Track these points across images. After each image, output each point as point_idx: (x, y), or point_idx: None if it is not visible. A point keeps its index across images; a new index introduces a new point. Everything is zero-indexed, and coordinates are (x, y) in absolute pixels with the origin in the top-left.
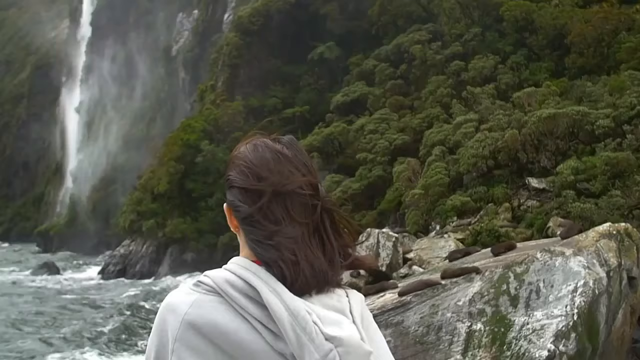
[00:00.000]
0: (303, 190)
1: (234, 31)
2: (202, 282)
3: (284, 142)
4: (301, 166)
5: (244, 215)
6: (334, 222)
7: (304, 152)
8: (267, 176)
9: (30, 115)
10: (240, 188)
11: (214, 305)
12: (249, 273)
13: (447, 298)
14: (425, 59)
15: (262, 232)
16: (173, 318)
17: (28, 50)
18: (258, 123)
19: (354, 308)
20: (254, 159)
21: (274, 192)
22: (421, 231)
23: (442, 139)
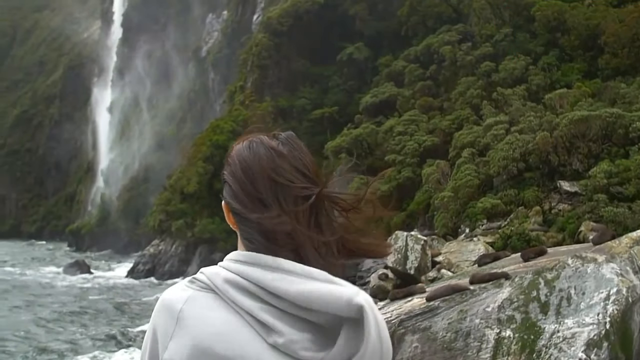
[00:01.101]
0: (295, 184)
1: (263, 32)
2: (197, 278)
3: (281, 139)
4: (297, 162)
5: (237, 211)
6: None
7: (302, 148)
8: (260, 173)
9: (63, 115)
10: (233, 185)
11: (207, 302)
12: (240, 264)
13: (475, 304)
14: (455, 59)
15: (253, 228)
16: (168, 315)
17: (61, 51)
18: (287, 124)
19: None
20: (247, 156)
21: (266, 188)
22: (450, 234)
23: (472, 140)
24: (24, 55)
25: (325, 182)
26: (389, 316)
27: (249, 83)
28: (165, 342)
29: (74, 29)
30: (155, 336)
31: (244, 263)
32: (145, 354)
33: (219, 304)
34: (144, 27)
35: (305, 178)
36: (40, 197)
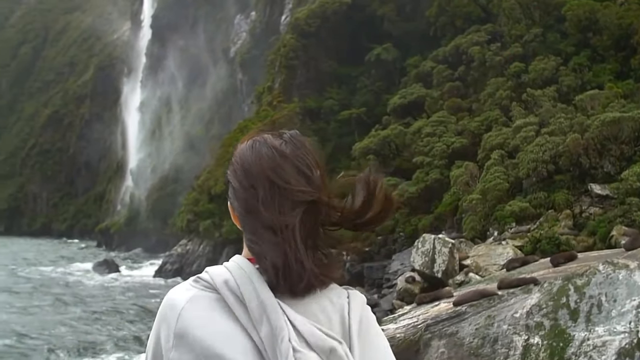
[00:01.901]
0: (295, 187)
1: (291, 33)
2: (201, 278)
3: (285, 138)
4: (300, 163)
5: (238, 212)
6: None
7: (306, 148)
8: (259, 174)
9: (93, 115)
10: (234, 185)
11: (209, 302)
12: (243, 275)
13: (503, 309)
14: (484, 60)
15: (253, 230)
16: (171, 314)
17: (91, 52)
18: (314, 125)
19: (353, 310)
20: (248, 156)
21: (265, 190)
22: (478, 237)
23: (501, 142)
24: (55, 56)
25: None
26: (415, 321)
27: (277, 84)
28: (168, 341)
29: (104, 30)
30: (158, 335)
31: (243, 271)
32: (149, 352)
33: (221, 305)
34: (173, 28)
35: (306, 180)
36: (70, 196)
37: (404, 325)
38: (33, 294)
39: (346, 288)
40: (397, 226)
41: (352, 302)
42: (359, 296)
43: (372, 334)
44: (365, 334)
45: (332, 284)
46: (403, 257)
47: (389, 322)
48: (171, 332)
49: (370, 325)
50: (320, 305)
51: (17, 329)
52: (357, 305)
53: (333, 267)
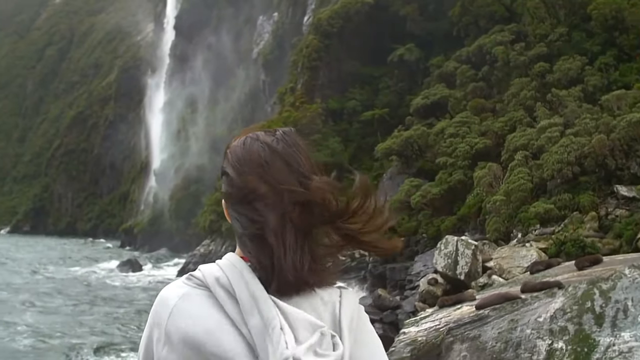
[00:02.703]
0: (285, 185)
1: (314, 33)
2: (193, 275)
3: (277, 135)
4: (292, 160)
5: (229, 208)
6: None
7: (298, 145)
8: (250, 171)
9: (117, 116)
10: (226, 182)
11: (201, 300)
12: (234, 271)
13: (527, 313)
14: (508, 60)
15: (243, 227)
16: (163, 310)
17: (115, 53)
18: (337, 125)
19: (344, 308)
20: (240, 153)
21: (255, 187)
22: (502, 239)
23: (525, 143)
24: (80, 58)
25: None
26: (437, 324)
27: (300, 84)
28: (160, 338)
29: (128, 32)
30: (151, 331)
31: (235, 268)
32: (142, 349)
33: (212, 302)
34: (196, 30)
35: (297, 178)
36: (95, 196)
37: (425, 328)
38: (57, 294)
39: (339, 287)
40: (420, 227)
41: (344, 300)
42: (352, 295)
43: (364, 331)
44: (356, 332)
45: (326, 283)
46: (426, 258)
47: (411, 325)
48: (162, 329)
49: (362, 324)
50: (311, 303)
51: (40, 329)
52: (349, 303)
53: (325, 267)
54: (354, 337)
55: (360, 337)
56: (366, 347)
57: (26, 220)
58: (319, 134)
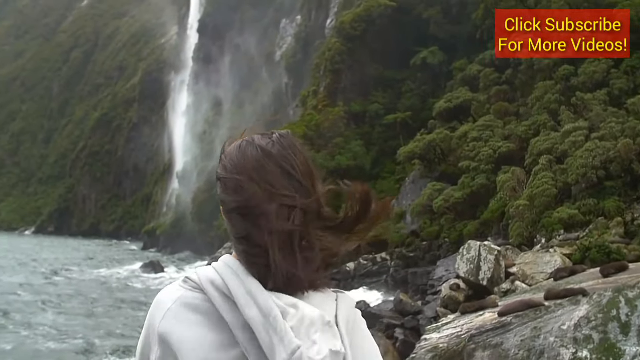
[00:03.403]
0: (279, 189)
1: (336, 37)
2: (190, 278)
3: (273, 138)
4: (285, 164)
5: (224, 211)
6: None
7: (295, 148)
8: (244, 174)
9: (141, 119)
10: (221, 186)
11: (195, 303)
12: (229, 272)
13: (550, 321)
14: (532, 63)
15: (237, 230)
16: (158, 313)
17: (139, 56)
18: (359, 129)
19: (340, 312)
20: (235, 156)
21: (249, 191)
22: (525, 244)
23: (549, 147)
24: (105, 61)
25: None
26: (459, 330)
27: (322, 88)
28: (154, 341)
29: (152, 35)
30: (147, 334)
31: (230, 269)
32: (139, 351)
33: (207, 306)
34: (219, 33)
35: (291, 182)
36: (118, 198)
37: (447, 335)
38: (78, 295)
39: (335, 291)
40: (442, 232)
41: (340, 304)
42: (348, 299)
43: (360, 336)
44: (352, 335)
45: (321, 287)
46: (448, 263)
47: (433, 331)
48: (156, 331)
49: (359, 328)
50: (308, 304)
51: (60, 330)
52: (345, 307)
53: (319, 270)
54: (350, 340)
55: (356, 340)
56: (361, 350)
57: (50, 221)
58: (342, 137)
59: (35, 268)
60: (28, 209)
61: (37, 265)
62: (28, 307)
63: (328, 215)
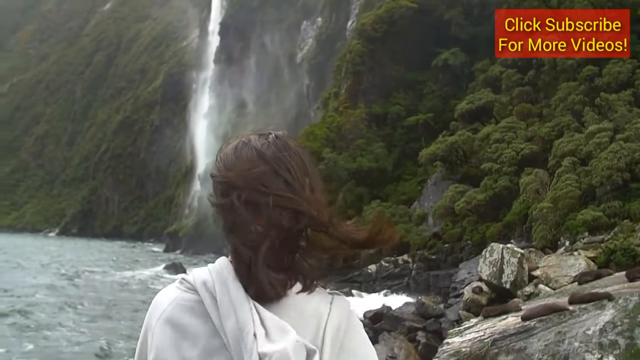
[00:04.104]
0: (270, 191)
1: (357, 38)
2: (186, 279)
3: (270, 139)
4: (279, 166)
5: (216, 210)
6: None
7: (290, 150)
8: (237, 175)
9: (162, 121)
10: (215, 188)
11: (189, 304)
12: (220, 276)
13: (575, 326)
14: (555, 64)
15: (229, 231)
16: (154, 314)
17: (161, 59)
18: (381, 130)
19: (332, 316)
20: (229, 158)
21: (241, 192)
22: (549, 247)
23: (573, 149)
24: (127, 64)
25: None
26: (482, 334)
27: (343, 89)
28: (150, 342)
29: (174, 38)
30: (145, 333)
31: (221, 273)
32: (137, 350)
33: (199, 307)
34: (240, 35)
35: (285, 184)
36: (140, 200)
37: (469, 339)
38: (98, 297)
39: (333, 293)
40: (465, 234)
41: (333, 307)
42: (343, 302)
43: (353, 339)
44: (344, 340)
45: (318, 289)
46: (470, 265)
47: (455, 335)
48: (152, 332)
49: (352, 331)
50: (298, 309)
51: (78, 331)
52: (339, 311)
53: (310, 272)
54: (341, 344)
55: (348, 344)
56: (354, 355)
57: (74, 223)
58: (363, 139)
59: (58, 269)
60: (52, 211)
61: (59, 267)
62: (49, 308)
63: (323, 219)
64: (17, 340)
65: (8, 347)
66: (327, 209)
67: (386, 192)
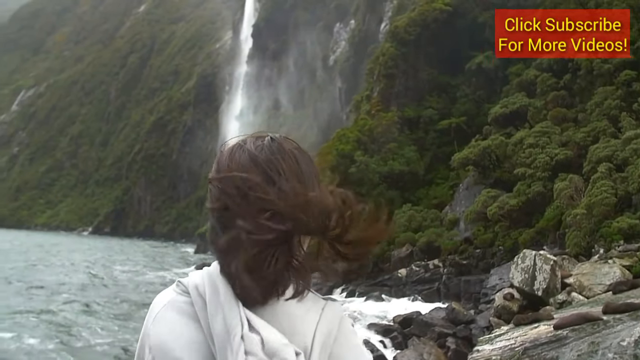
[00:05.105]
0: (257, 194)
1: (390, 41)
2: (181, 282)
3: (265, 142)
4: (270, 168)
5: (209, 213)
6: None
7: (284, 153)
8: (228, 178)
9: (195, 122)
10: (209, 191)
11: (181, 306)
12: (211, 279)
13: (609, 336)
14: (591, 68)
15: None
16: (149, 317)
17: (194, 60)
18: (413, 134)
19: (323, 321)
20: (224, 159)
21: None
22: (583, 254)
23: (609, 154)
24: (160, 65)
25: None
26: (513, 343)
27: (376, 92)
28: (147, 342)
29: (207, 40)
30: (142, 337)
31: (212, 277)
32: (136, 353)
33: (191, 311)
34: (273, 37)
35: (274, 187)
36: (172, 200)
37: (500, 347)
38: (122, 298)
39: (326, 298)
40: (497, 239)
41: (324, 313)
42: (336, 308)
43: (345, 346)
44: (334, 346)
45: (310, 294)
46: (502, 271)
47: (485, 342)
48: (147, 335)
49: (344, 338)
50: (288, 314)
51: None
52: (330, 317)
53: (300, 277)
54: (331, 351)
55: (338, 351)
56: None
57: (107, 222)
58: (395, 142)
59: (90, 268)
60: (85, 210)
61: (91, 266)
62: (78, 306)
63: (313, 224)
64: (47, 337)
65: (36, 344)
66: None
67: (418, 196)
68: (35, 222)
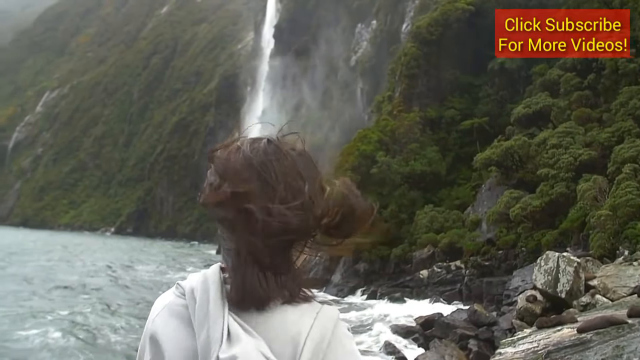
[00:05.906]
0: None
1: (412, 41)
2: (180, 284)
3: (261, 144)
4: (264, 171)
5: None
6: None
7: (280, 155)
8: (221, 180)
9: (217, 123)
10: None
11: (177, 309)
12: (205, 284)
13: (634, 340)
14: (616, 68)
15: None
16: (149, 319)
17: (216, 61)
18: (435, 135)
19: (315, 327)
20: (221, 162)
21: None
22: (607, 256)
23: (634, 155)
24: (183, 66)
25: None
26: (536, 346)
27: (397, 93)
28: (147, 343)
29: (229, 41)
30: (143, 338)
31: (207, 280)
32: (138, 353)
33: (186, 313)
34: (295, 38)
35: (268, 189)
36: (194, 201)
37: (523, 350)
38: (149, 300)
39: (322, 302)
40: (519, 241)
41: (318, 318)
42: (331, 312)
43: (338, 352)
44: (327, 352)
45: (306, 299)
46: (524, 273)
47: (508, 345)
48: (146, 335)
49: (337, 344)
50: (280, 320)
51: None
52: (324, 322)
53: (293, 281)
54: (323, 356)
55: (332, 356)
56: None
57: (129, 222)
58: (417, 143)
59: (109, 268)
60: (108, 210)
61: (111, 266)
62: (96, 307)
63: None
64: (69, 335)
65: (59, 341)
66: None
67: (439, 196)
68: (58, 223)
